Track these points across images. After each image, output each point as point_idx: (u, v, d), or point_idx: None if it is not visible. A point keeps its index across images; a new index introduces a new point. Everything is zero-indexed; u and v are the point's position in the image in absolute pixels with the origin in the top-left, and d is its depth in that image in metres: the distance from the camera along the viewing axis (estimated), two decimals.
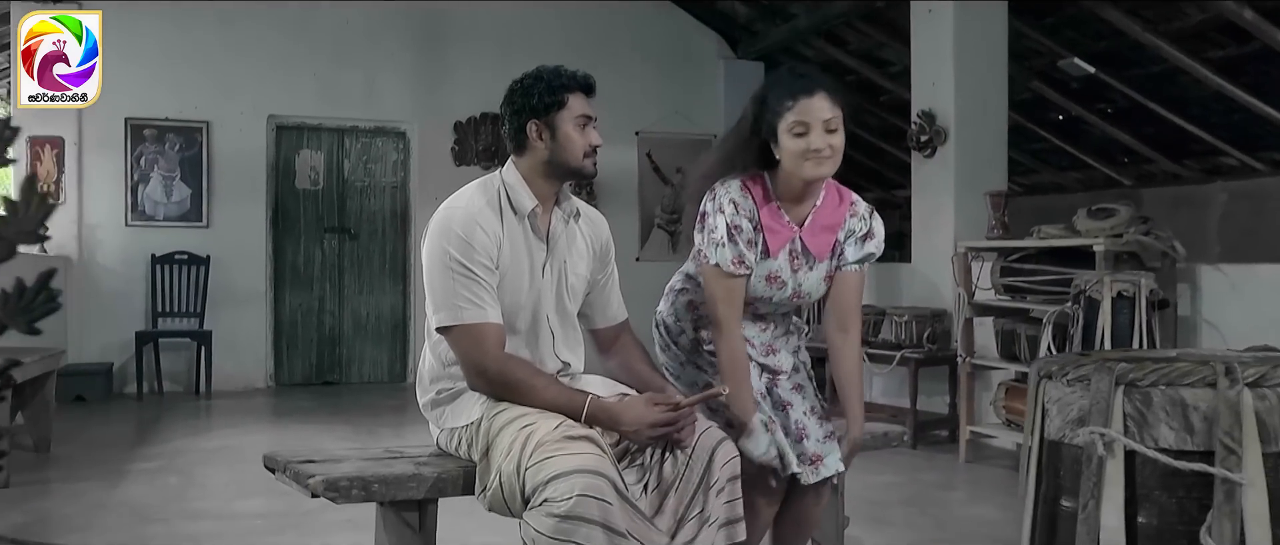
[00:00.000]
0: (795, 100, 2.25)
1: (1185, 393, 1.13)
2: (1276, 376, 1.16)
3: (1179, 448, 1.15)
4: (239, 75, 7.68)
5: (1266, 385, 1.16)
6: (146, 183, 7.53)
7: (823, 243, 2.39)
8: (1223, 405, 1.07)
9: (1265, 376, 1.17)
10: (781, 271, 2.37)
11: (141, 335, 7.19)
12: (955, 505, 4.23)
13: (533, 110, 2.36)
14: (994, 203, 5.15)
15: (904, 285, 6.34)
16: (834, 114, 2.25)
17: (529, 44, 8.22)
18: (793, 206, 2.37)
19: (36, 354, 4.93)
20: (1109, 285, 2.76)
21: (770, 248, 2.35)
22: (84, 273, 7.38)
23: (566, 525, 2.02)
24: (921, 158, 6.06)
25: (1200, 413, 1.13)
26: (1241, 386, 1.10)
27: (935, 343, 5.55)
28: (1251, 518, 1.10)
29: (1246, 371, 1.15)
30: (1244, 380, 1.13)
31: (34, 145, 7.33)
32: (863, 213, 2.45)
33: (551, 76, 2.36)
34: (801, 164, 2.25)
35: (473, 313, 2.29)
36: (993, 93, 6.01)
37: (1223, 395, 1.08)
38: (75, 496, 4.20)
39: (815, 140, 2.22)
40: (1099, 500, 1.13)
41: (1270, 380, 1.16)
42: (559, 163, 2.36)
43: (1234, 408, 1.09)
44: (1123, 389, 1.15)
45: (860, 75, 8.60)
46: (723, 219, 2.32)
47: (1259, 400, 1.15)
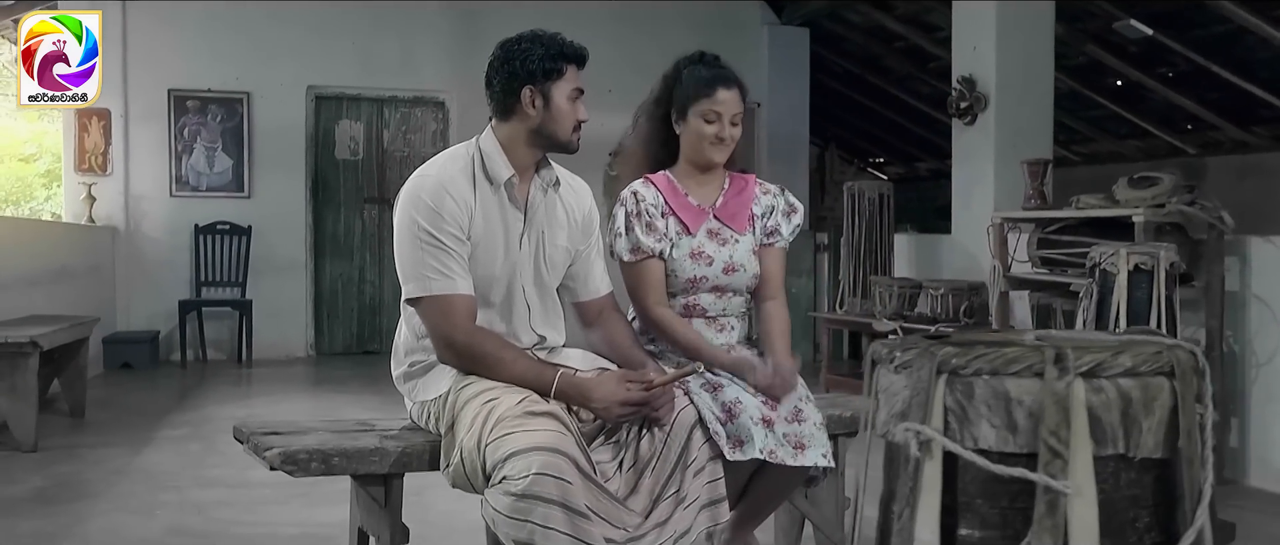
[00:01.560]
0: (714, 90, 2.41)
1: (1009, 384, 0.96)
2: (1117, 365, 0.95)
3: (1000, 449, 0.97)
4: (279, 46, 7.72)
5: (1104, 375, 0.95)
6: (190, 154, 7.63)
7: (739, 218, 2.49)
8: (1049, 399, 0.89)
9: (1102, 365, 0.95)
10: (704, 247, 2.44)
11: (184, 304, 7.31)
12: None
13: (530, 75, 2.27)
14: (1031, 172, 4.93)
15: (945, 257, 6.16)
16: (739, 110, 2.43)
17: (568, 11, 8.12)
18: (700, 191, 2.49)
19: (66, 322, 5.03)
20: (1125, 257, 2.59)
21: (688, 226, 2.44)
22: (130, 243, 7.52)
23: (523, 504, 1.95)
24: (961, 125, 5.84)
25: (1024, 408, 0.95)
26: (1072, 377, 0.93)
27: (972, 317, 5.36)
28: (1078, 533, 0.92)
29: (1080, 359, 0.95)
30: (1076, 369, 0.94)
31: (82, 117, 7.47)
32: (774, 190, 2.57)
33: (551, 43, 2.28)
34: (704, 146, 2.42)
35: (441, 283, 2.23)
36: (1038, 57, 5.75)
37: (1049, 387, 0.91)
38: (98, 462, 4.27)
39: (723, 129, 2.41)
40: (914, 508, 0.99)
41: (1108, 369, 0.95)
42: (547, 133, 2.29)
43: (1062, 402, 0.91)
44: (944, 378, 0.98)
45: (908, 41, 8.33)
46: (623, 211, 2.43)
47: (1094, 393, 0.95)
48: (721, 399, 2.30)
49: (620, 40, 8.08)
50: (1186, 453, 0.87)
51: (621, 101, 2.49)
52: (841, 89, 9.99)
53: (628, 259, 2.43)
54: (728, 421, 2.28)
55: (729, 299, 2.51)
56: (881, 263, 6.22)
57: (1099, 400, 0.94)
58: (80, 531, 3.32)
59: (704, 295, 2.47)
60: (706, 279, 2.45)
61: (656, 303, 2.43)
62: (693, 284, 2.45)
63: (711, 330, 2.51)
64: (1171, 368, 0.94)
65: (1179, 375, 0.93)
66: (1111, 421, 0.94)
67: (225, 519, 3.48)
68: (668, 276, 2.45)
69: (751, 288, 2.54)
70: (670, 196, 2.47)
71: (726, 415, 2.28)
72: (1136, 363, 0.95)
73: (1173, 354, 0.96)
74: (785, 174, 8.74)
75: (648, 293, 2.43)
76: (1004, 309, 4.95)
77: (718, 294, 2.49)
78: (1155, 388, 0.94)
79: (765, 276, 2.53)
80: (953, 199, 6.02)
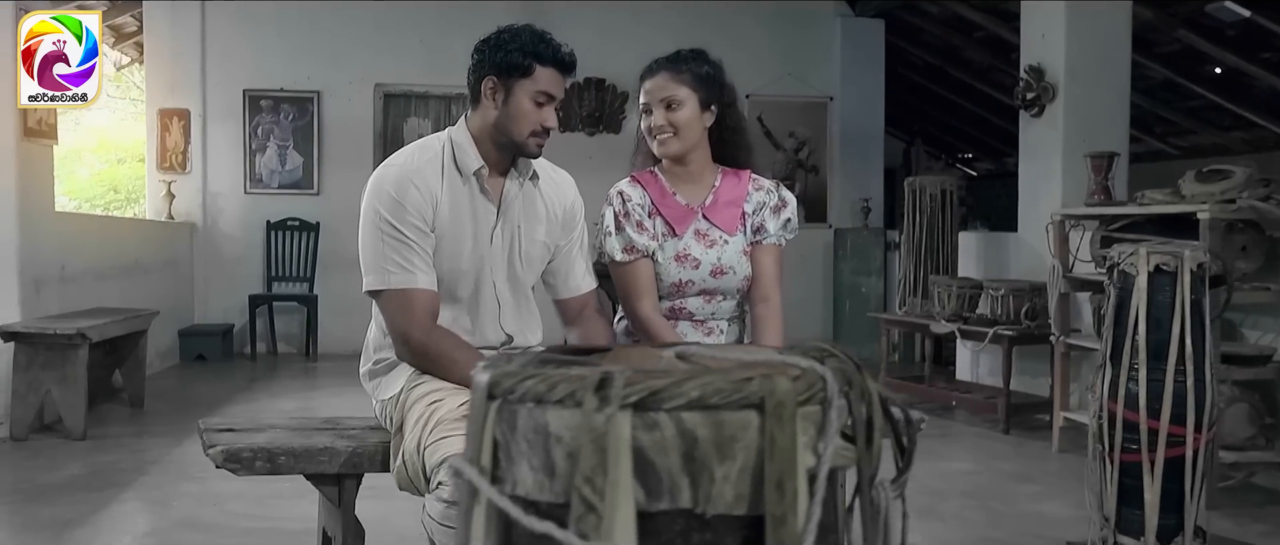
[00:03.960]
0: (641, 83, 2.32)
1: (550, 415, 0.74)
2: (679, 394, 0.71)
3: (537, 497, 0.75)
4: (348, 45, 7.85)
5: (663, 408, 0.71)
6: (263, 152, 7.82)
7: (729, 217, 2.36)
8: (585, 437, 0.69)
9: (662, 394, 0.71)
10: (691, 249, 2.32)
11: (254, 298, 7.50)
12: (1023, 499, 3.83)
13: (496, 66, 2.16)
14: (1095, 166, 4.61)
15: (1011, 257, 5.85)
16: (674, 91, 2.26)
17: (634, 9, 8.04)
18: (688, 189, 2.36)
19: (122, 315, 5.18)
20: (1145, 257, 2.35)
21: (675, 228, 2.32)
22: (207, 238, 7.76)
23: (454, 511, 1.87)
24: (1028, 117, 5.53)
25: (563, 446, 0.73)
26: (614, 408, 0.70)
27: (1034, 319, 5.06)
28: None
29: (632, 387, 0.71)
30: (622, 399, 0.71)
31: (164, 117, 7.74)
32: (768, 185, 2.43)
33: (530, 40, 2.15)
34: (651, 142, 2.32)
35: (400, 277, 2.17)
36: (1113, 43, 5.40)
37: (587, 421, 0.71)
38: (138, 451, 4.37)
39: (655, 119, 2.28)
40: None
41: (668, 400, 0.71)
42: (503, 130, 2.18)
43: (600, 441, 0.70)
44: (496, 405, 0.78)
45: (987, 30, 7.97)
46: (610, 210, 2.33)
47: (645, 431, 0.72)
48: None
49: (687, 35, 7.92)
50: (771, 511, 0.67)
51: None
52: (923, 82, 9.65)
53: (619, 258, 2.32)
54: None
55: (718, 302, 2.38)
56: (945, 261, 5.95)
57: (652, 440, 0.71)
58: (94, 519, 3.39)
59: (691, 299, 2.35)
60: (692, 283, 2.33)
61: (645, 303, 2.32)
62: (678, 288, 2.33)
63: (699, 334, 2.39)
64: (761, 400, 0.71)
65: (769, 410, 0.70)
66: (669, 467, 0.71)
67: (237, 513, 3.50)
68: (656, 278, 2.34)
69: (743, 290, 2.40)
70: (657, 197, 2.36)
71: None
72: (707, 392, 0.71)
73: (770, 382, 0.71)
74: (858, 169, 8.49)
75: (638, 293, 2.32)
76: (1064, 311, 4.65)
77: (706, 298, 2.36)
78: (735, 425, 0.72)
79: (756, 276, 2.39)
80: (1019, 195, 5.71)
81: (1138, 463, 2.41)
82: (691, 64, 2.32)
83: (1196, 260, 2.34)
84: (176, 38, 7.72)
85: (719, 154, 2.43)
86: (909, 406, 0.90)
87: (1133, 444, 2.42)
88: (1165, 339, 2.35)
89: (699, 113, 2.30)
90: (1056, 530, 3.34)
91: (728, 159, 2.44)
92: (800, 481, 0.66)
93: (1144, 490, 2.39)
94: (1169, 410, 2.36)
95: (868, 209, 8.29)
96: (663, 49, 2.40)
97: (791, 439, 0.67)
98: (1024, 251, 5.63)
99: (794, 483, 0.66)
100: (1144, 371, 2.39)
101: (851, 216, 8.43)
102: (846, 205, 8.48)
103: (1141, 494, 2.40)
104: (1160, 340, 2.37)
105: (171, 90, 7.76)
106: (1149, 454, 2.38)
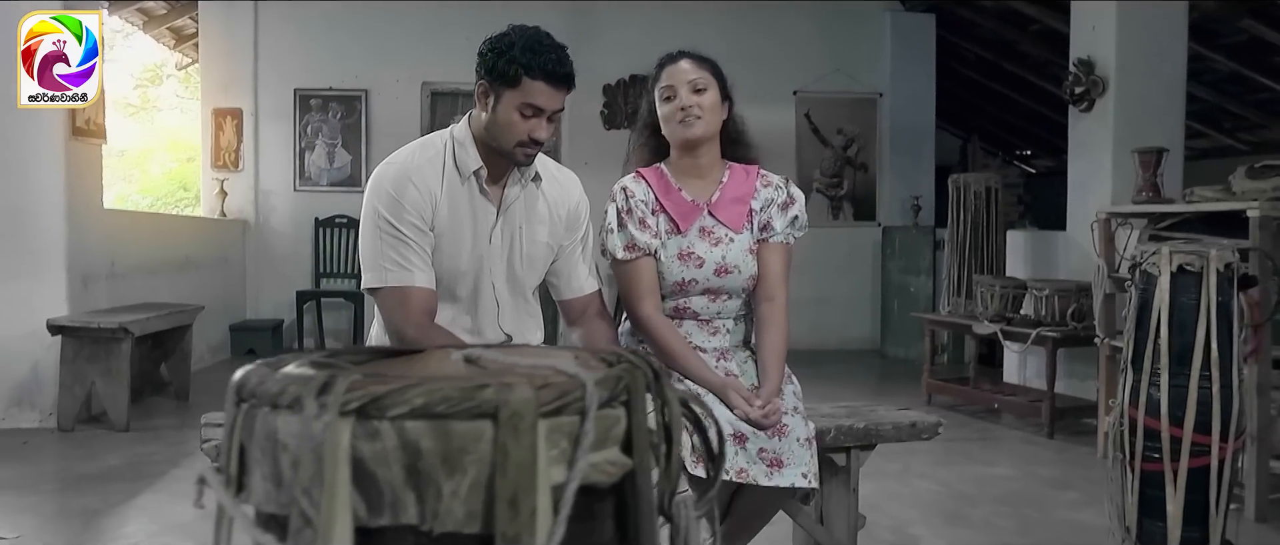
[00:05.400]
0: (662, 68, 2.28)
1: (279, 421, 0.69)
2: (406, 401, 0.66)
3: (267, 507, 0.70)
4: (395, 43, 7.93)
5: (387, 415, 0.66)
6: (312, 150, 7.94)
7: (735, 214, 2.30)
8: (305, 445, 0.65)
9: (384, 400, 0.66)
10: (695, 247, 2.26)
11: (302, 294, 7.61)
12: (1058, 507, 3.70)
13: (490, 70, 2.11)
14: (1143, 161, 4.44)
15: (1059, 256, 5.67)
16: (700, 75, 2.24)
17: (677, 5, 7.99)
18: (695, 185, 2.32)
19: (168, 309, 5.29)
20: (1168, 257, 2.23)
21: (679, 225, 2.27)
22: (258, 236, 7.90)
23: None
24: (1077, 112, 5.36)
25: (289, 454, 0.68)
26: (332, 415, 0.64)
27: (1080, 320, 4.90)
28: None
29: (353, 392, 0.66)
30: (341, 405, 0.65)
31: (217, 116, 7.90)
32: (777, 182, 2.37)
33: (523, 50, 2.07)
34: (675, 127, 2.25)
35: (397, 275, 2.17)
36: (1167, 35, 5.21)
37: (307, 428, 0.65)
38: (177, 444, 4.46)
39: (683, 99, 2.23)
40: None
41: (392, 407, 0.66)
42: (493, 135, 2.14)
43: (319, 450, 0.64)
44: (244, 409, 0.73)
45: (1042, 24, 7.75)
46: (613, 207, 2.29)
47: (367, 441, 0.66)
48: None
49: (733, 32, 7.88)
50: (502, 529, 0.62)
51: (736, 93, 2.35)
52: (977, 78, 9.43)
53: (621, 257, 2.27)
54: (694, 433, 2.10)
55: (724, 302, 2.31)
56: (991, 260, 5.80)
57: (373, 450, 0.66)
58: (123, 510, 3.46)
59: (695, 298, 2.29)
60: (696, 282, 2.27)
61: (646, 304, 2.26)
62: (682, 287, 2.27)
63: (704, 333, 2.33)
64: (495, 410, 0.65)
65: (503, 420, 0.64)
66: (391, 480, 0.66)
67: None
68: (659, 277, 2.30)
69: (749, 289, 2.33)
70: (662, 193, 2.30)
71: (693, 426, 2.10)
72: (433, 400, 0.65)
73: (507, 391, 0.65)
74: (908, 166, 8.33)
75: (639, 293, 2.27)
76: (1109, 312, 4.49)
77: (711, 297, 2.29)
78: (465, 436, 0.66)
79: (762, 275, 2.32)
80: (1068, 192, 5.54)
81: (1160, 472, 2.29)
82: (708, 59, 2.32)
83: (1223, 260, 2.22)
84: (230, 38, 7.87)
85: (724, 152, 2.39)
86: (952, 409, 0.83)
87: (1154, 453, 2.31)
88: (1189, 342, 2.24)
89: (720, 101, 2.27)
90: (1091, 540, 3.23)
91: (733, 158, 2.39)
92: (542, 498, 0.61)
93: (1166, 501, 2.28)
94: (1193, 418, 2.25)
95: (918, 207, 8.12)
96: (709, 46, 2.39)
97: (531, 451, 0.61)
98: (1073, 251, 5.46)
99: (532, 499, 0.60)
100: (1166, 376, 2.27)
101: (901, 214, 8.27)
102: (896, 203, 8.33)
103: (1164, 505, 2.29)
104: (1184, 344, 2.26)
105: (225, 90, 7.92)
106: (1171, 463, 2.27)
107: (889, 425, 2.62)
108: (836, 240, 8.34)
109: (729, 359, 2.30)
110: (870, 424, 2.59)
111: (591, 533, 0.67)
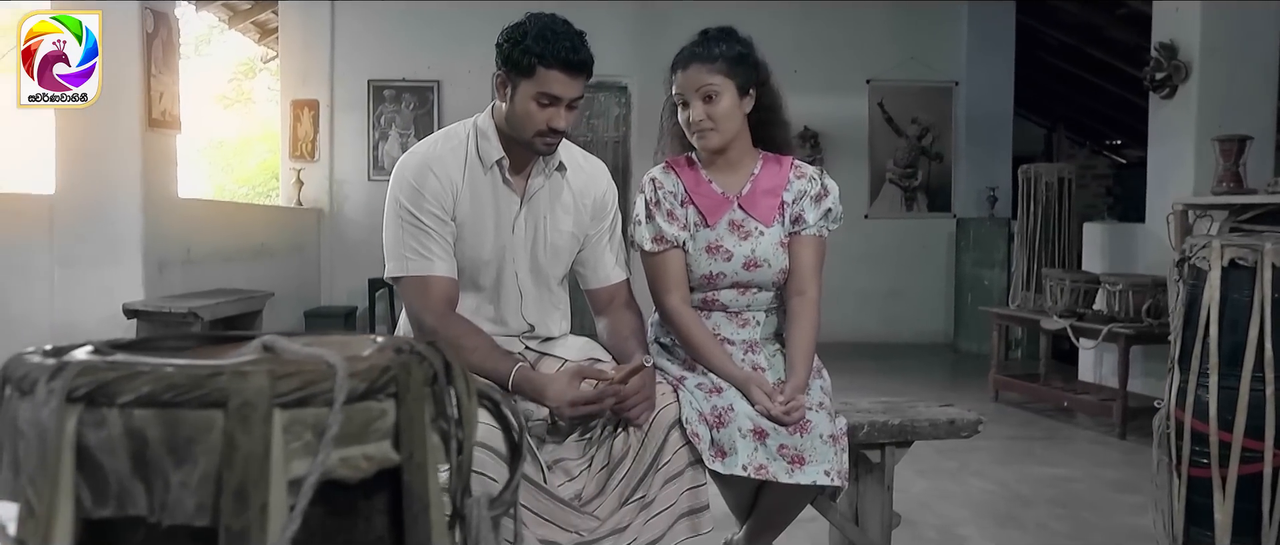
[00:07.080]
0: (673, 75, 2.22)
1: (20, 406, 0.67)
2: (133, 388, 0.63)
3: (3, 497, 0.67)
4: (467, 34, 8.01)
5: (116, 403, 0.63)
6: (386, 140, 8.09)
7: (766, 207, 2.25)
8: (32, 432, 0.63)
9: (111, 387, 0.63)
10: (723, 241, 2.22)
11: (373, 282, 7.77)
12: (1119, 511, 3.55)
13: (506, 60, 2.12)
14: (1224, 150, 4.22)
15: (1138, 249, 5.44)
16: (711, 80, 2.15)
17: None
18: (726, 178, 2.27)
19: (238, 294, 5.45)
20: (1218, 251, 2.10)
21: (707, 218, 2.23)
22: (333, 224, 8.08)
23: None
24: (1158, 99, 5.12)
25: (26, 441, 0.66)
26: (57, 402, 0.62)
27: (1156, 317, 4.69)
28: None
29: (82, 377, 0.63)
30: (69, 392, 0.63)
31: (294, 108, 8.11)
32: (810, 173, 2.30)
33: (537, 39, 2.06)
34: (690, 137, 2.22)
35: (418, 264, 2.19)
36: (1256, 16, 4.94)
37: (35, 413, 0.63)
38: None
39: (693, 113, 2.17)
40: None
41: (120, 394, 0.63)
42: (512, 125, 2.14)
43: (45, 437, 0.62)
44: (7, 394, 0.70)
45: (1130, 7, 7.43)
46: (642, 198, 2.26)
47: (94, 429, 0.63)
48: (714, 403, 2.09)
49: (805, 21, 7.75)
50: (226, 522, 0.60)
51: (807, 83, 2.30)
52: (1061, 64, 9.10)
53: (649, 248, 2.24)
54: (716, 428, 2.07)
55: (754, 294, 2.26)
56: (1063, 253, 5.59)
57: (98, 438, 0.63)
58: None
59: (724, 291, 2.25)
60: (725, 275, 2.23)
61: (674, 296, 2.23)
62: (710, 280, 2.23)
63: (733, 325, 2.28)
64: (224, 398, 0.62)
65: (232, 410, 0.61)
66: (118, 470, 0.63)
67: None
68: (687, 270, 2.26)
69: (780, 282, 2.28)
70: (691, 184, 2.26)
71: (716, 421, 2.07)
72: (160, 388, 0.62)
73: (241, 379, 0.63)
74: (985, 156, 8.11)
75: (667, 285, 2.24)
76: None
77: (740, 290, 2.25)
78: (194, 425, 0.63)
79: (793, 268, 2.26)
80: (1147, 183, 5.31)
81: (1207, 479, 2.17)
82: (722, 47, 2.20)
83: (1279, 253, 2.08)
84: (308, 31, 8.06)
85: (756, 135, 2.33)
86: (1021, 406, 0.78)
87: (1202, 458, 2.19)
88: (1241, 342, 2.11)
89: (737, 100, 2.19)
90: None
91: (765, 140, 2.32)
92: (275, 492, 0.59)
93: (1214, 509, 2.16)
94: (1244, 421, 2.12)
95: (994, 198, 7.89)
96: (781, 39, 2.32)
97: (262, 443, 0.59)
98: (1151, 244, 5.24)
99: (263, 493, 0.58)
100: (1214, 377, 2.15)
101: (976, 206, 8.04)
102: (971, 194, 8.10)
103: (1212, 513, 2.17)
104: (1235, 343, 2.13)
105: (303, 82, 8.11)
106: (1220, 469, 2.14)
107: (926, 422, 2.54)
108: (910, 232, 8.15)
109: (758, 352, 2.25)
110: (906, 420, 2.51)
111: (354, 528, 0.65)
